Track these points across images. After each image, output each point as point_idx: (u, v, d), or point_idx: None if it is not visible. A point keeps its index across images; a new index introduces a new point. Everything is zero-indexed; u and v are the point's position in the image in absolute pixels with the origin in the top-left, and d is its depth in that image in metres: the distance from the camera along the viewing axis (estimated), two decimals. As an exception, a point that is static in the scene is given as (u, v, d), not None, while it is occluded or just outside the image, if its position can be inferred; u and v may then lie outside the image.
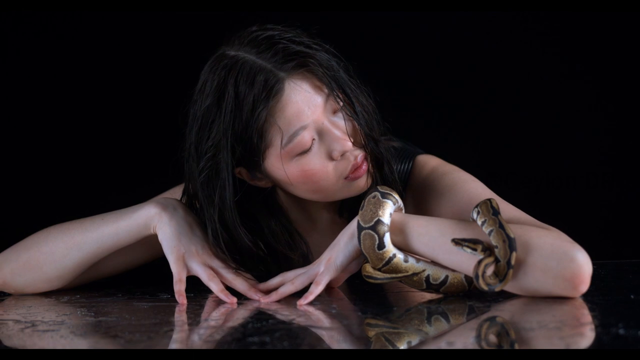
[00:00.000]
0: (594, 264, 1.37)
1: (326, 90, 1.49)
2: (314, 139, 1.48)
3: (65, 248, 1.56)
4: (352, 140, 1.49)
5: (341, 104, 1.50)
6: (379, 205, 1.42)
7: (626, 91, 2.41)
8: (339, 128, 1.49)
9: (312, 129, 1.47)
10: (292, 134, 1.46)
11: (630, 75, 2.40)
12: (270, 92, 1.45)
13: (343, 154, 1.49)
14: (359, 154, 1.50)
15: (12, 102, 2.29)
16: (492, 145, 2.38)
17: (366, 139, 1.51)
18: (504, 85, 2.37)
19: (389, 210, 1.42)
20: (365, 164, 1.51)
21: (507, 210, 1.48)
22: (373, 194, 1.43)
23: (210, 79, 1.51)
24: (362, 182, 1.52)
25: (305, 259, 1.60)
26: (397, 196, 1.45)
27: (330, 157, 1.49)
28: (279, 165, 1.49)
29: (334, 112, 1.50)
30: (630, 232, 2.40)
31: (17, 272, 1.59)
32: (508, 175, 2.37)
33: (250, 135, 1.46)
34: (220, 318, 1.34)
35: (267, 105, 1.45)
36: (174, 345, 1.14)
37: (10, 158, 2.28)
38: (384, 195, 1.43)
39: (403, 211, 1.47)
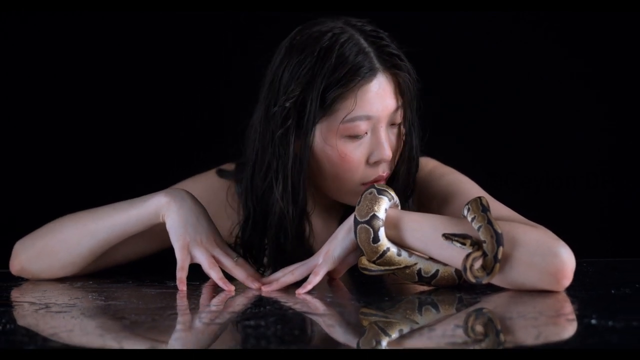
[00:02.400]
0: (582, 261, 1.49)
1: (400, 102, 1.66)
2: (366, 133, 1.64)
3: (78, 236, 1.68)
4: (389, 159, 1.66)
5: (402, 120, 1.67)
6: (374, 201, 1.54)
7: (626, 91, 2.46)
8: (389, 139, 1.66)
9: (371, 123, 1.64)
10: (356, 116, 1.62)
11: (630, 75, 2.45)
12: (364, 73, 1.62)
13: (377, 162, 1.65)
14: (387, 172, 1.67)
15: (30, 97, 2.37)
16: (492, 145, 2.44)
17: (399, 163, 1.69)
18: (504, 85, 2.43)
19: (384, 206, 1.54)
20: (384, 182, 1.67)
21: (498, 208, 1.60)
22: (370, 190, 1.56)
23: (308, 34, 1.66)
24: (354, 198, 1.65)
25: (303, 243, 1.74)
26: (393, 193, 1.57)
27: (367, 159, 1.65)
28: (327, 135, 1.64)
29: (393, 124, 1.67)
30: (630, 232, 2.46)
31: (34, 258, 1.70)
32: (508, 175, 2.43)
33: (327, 95, 1.62)
34: (221, 304, 1.46)
35: (355, 80, 1.61)
36: (178, 326, 1.27)
37: (27, 151, 2.36)
38: (380, 192, 1.55)
39: (399, 208, 1.60)
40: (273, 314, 1.35)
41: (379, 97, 1.63)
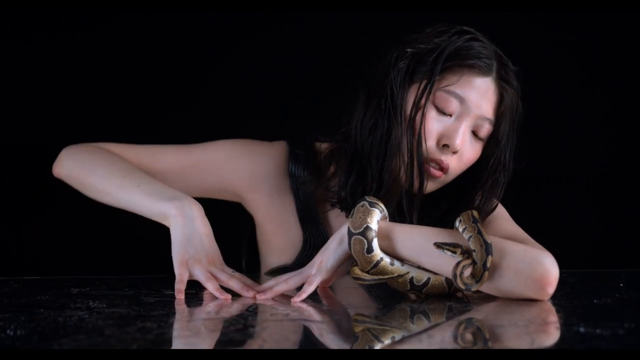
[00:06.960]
0: (563, 272, 1.67)
1: (493, 120, 1.89)
2: (451, 116, 1.86)
3: (103, 190, 1.93)
4: (457, 150, 1.86)
5: (483, 139, 1.89)
6: (367, 213, 1.72)
7: (627, 91, 2.59)
8: (466, 138, 1.86)
9: (460, 109, 1.85)
10: (452, 91, 1.85)
11: (631, 75, 2.58)
12: (480, 64, 1.86)
13: (445, 146, 1.85)
14: (448, 164, 1.87)
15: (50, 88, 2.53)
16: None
17: (486, 179, 1.92)
18: (503, 85, 2.58)
19: (376, 217, 1.72)
20: (440, 174, 1.87)
21: (512, 229, 1.86)
22: (362, 202, 1.73)
23: (439, 28, 1.92)
24: (417, 182, 1.87)
25: None
26: (383, 205, 1.75)
27: (439, 139, 1.85)
28: (422, 94, 1.85)
29: (476, 133, 1.88)
30: (630, 231, 2.60)
31: (71, 177, 1.99)
32: (508, 175, 2.59)
33: (444, 60, 1.84)
34: (220, 310, 1.62)
35: (470, 61, 1.85)
36: (182, 331, 1.43)
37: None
38: (372, 205, 1.73)
39: (387, 219, 1.77)
40: (270, 320, 1.52)
41: (479, 93, 1.86)
